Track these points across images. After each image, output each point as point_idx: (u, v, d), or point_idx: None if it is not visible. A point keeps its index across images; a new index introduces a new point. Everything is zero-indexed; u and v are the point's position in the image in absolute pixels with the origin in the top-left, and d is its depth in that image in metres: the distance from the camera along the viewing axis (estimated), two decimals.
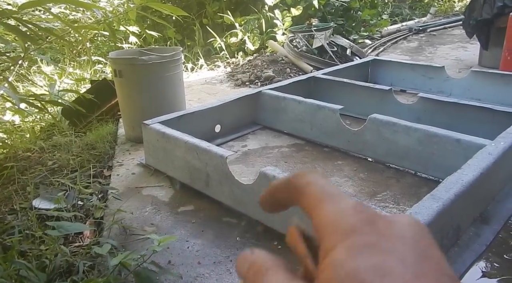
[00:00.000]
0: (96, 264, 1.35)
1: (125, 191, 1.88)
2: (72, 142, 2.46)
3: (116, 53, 2.57)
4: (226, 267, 1.35)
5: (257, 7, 5.19)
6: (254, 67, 4.13)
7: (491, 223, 1.52)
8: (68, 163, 2.19)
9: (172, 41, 5.05)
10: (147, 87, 2.35)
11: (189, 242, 1.49)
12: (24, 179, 2.02)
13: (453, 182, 1.36)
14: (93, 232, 1.59)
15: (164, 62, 2.34)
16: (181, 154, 1.82)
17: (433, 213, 1.19)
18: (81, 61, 4.36)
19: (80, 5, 2.69)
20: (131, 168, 2.13)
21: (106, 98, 2.75)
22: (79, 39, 4.23)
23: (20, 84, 3.47)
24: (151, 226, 1.60)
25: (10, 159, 2.27)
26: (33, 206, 1.72)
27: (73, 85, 3.66)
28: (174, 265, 1.36)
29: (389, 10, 7.49)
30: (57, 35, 1.74)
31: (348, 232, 0.20)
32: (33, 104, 1.70)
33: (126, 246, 1.47)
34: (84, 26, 2.36)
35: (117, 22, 2.14)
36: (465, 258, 1.34)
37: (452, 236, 1.36)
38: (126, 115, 2.46)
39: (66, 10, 4.33)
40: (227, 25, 5.07)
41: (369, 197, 1.75)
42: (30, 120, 2.96)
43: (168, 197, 1.82)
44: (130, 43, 4.68)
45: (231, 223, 1.60)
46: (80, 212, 1.71)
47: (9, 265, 1.20)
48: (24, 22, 1.52)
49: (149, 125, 1.99)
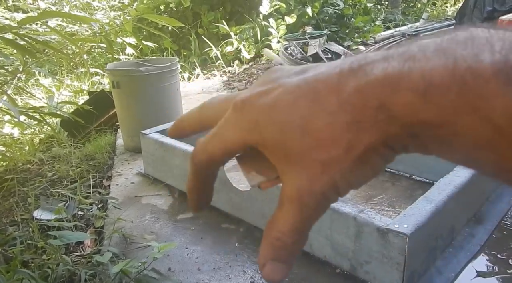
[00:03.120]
0: (97, 273, 1.37)
1: (124, 200, 1.90)
2: (71, 153, 2.48)
3: (113, 65, 2.60)
4: (225, 272, 1.37)
5: (252, 16, 5.26)
6: (250, 76, 4.18)
7: (484, 223, 1.55)
8: (68, 174, 2.21)
9: (169, 52, 5.10)
10: (144, 97, 2.38)
11: (189, 249, 1.51)
12: (24, 190, 2.04)
13: (446, 183, 1.39)
14: (94, 241, 1.61)
15: (161, 73, 2.37)
16: (179, 162, 1.85)
17: (427, 214, 1.22)
18: (79, 73, 4.40)
19: (78, 19, 2.74)
20: (130, 177, 2.15)
21: (104, 109, 2.78)
22: (76, 51, 4.27)
23: (19, 97, 3.50)
24: (151, 234, 1.62)
25: (10, 171, 2.29)
26: (34, 217, 1.75)
27: (71, 97, 3.69)
28: (174, 272, 1.38)
29: (382, 16, 7.58)
30: (55, 48, 1.77)
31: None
32: (32, 117, 1.73)
33: (127, 254, 1.49)
34: (81, 39, 2.40)
35: (114, 34, 2.17)
36: (460, 258, 1.37)
37: (446, 236, 1.39)
38: (125, 126, 2.49)
39: (63, 23, 4.38)
40: (223, 35, 5.13)
41: (365, 201, 1.78)
42: (29, 132, 2.99)
43: (167, 205, 1.85)
44: (127, 55, 4.72)
45: (230, 229, 1.62)
46: (81, 222, 1.73)
47: (12, 275, 1.22)
48: (22, 36, 1.55)
49: (147, 135, 2.02)
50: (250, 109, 0.23)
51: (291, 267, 0.24)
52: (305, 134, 0.21)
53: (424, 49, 0.19)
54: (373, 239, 1.19)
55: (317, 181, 0.21)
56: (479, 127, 0.17)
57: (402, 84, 0.19)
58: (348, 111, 0.20)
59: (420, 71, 0.19)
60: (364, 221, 1.21)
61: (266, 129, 0.22)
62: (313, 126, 0.21)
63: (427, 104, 0.18)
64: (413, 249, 1.14)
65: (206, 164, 0.26)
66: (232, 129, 0.24)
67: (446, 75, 0.18)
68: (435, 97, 0.18)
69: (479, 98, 0.17)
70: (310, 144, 0.21)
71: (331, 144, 0.21)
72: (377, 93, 0.20)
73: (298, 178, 0.22)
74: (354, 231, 1.23)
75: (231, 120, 0.24)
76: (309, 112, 0.21)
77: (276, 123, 0.22)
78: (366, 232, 1.21)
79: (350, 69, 0.21)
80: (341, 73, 0.21)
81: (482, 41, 0.18)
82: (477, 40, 0.18)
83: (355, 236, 1.24)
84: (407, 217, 1.19)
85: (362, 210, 1.25)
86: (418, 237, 1.17)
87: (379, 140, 0.20)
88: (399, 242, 1.13)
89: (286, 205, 0.23)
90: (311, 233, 0.23)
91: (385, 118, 0.20)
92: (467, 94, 0.17)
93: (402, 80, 0.19)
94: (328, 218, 1.29)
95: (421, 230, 1.16)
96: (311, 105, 0.21)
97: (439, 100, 0.18)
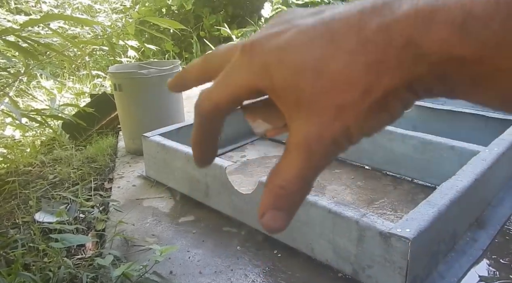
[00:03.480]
0: (99, 276, 1.37)
1: (126, 203, 1.90)
2: (72, 156, 2.48)
3: (115, 68, 2.61)
4: (227, 276, 1.37)
5: (254, 19, 5.27)
6: None
7: (487, 228, 1.55)
8: (69, 176, 2.21)
9: (170, 54, 5.11)
10: (146, 100, 2.38)
11: (190, 252, 1.50)
12: (25, 193, 2.04)
13: (448, 188, 1.39)
14: (95, 244, 1.61)
15: (163, 76, 2.38)
16: (181, 165, 1.85)
17: (429, 218, 1.22)
18: (81, 76, 4.41)
19: (80, 21, 2.74)
20: (131, 180, 2.15)
21: (106, 112, 2.79)
22: (78, 53, 4.28)
23: (20, 100, 3.51)
24: (152, 237, 1.62)
25: (12, 173, 2.29)
26: (36, 219, 1.74)
27: (73, 99, 3.69)
28: (175, 275, 1.38)
29: None
30: (57, 51, 1.78)
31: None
32: (34, 119, 1.74)
33: (128, 257, 1.49)
34: (83, 41, 2.40)
35: (116, 36, 2.18)
36: (462, 263, 1.36)
37: (448, 241, 1.39)
38: (126, 128, 2.49)
39: (65, 25, 4.39)
40: (224, 38, 5.14)
41: (367, 204, 1.78)
42: (30, 135, 2.99)
43: (168, 208, 1.85)
44: (129, 57, 4.73)
45: (231, 232, 1.62)
46: (82, 224, 1.73)
47: (14, 277, 1.22)
48: (24, 38, 1.56)
49: (149, 138, 2.02)
50: (260, 51, 0.21)
51: (292, 217, 0.23)
52: (319, 76, 0.20)
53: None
54: (376, 243, 1.19)
55: (328, 127, 0.20)
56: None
57: (436, 17, 0.17)
58: (369, 50, 0.19)
59: (458, 1, 0.17)
60: (366, 225, 1.21)
61: (277, 72, 0.21)
62: (329, 68, 0.19)
63: (465, 38, 0.17)
64: (415, 253, 1.14)
65: (211, 113, 0.25)
66: (239, 73, 0.22)
67: (489, 4, 0.16)
68: (476, 30, 0.16)
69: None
70: (324, 87, 0.20)
71: (348, 87, 0.19)
72: (405, 29, 0.18)
73: (307, 124, 0.20)
74: (356, 235, 1.23)
75: (239, 63, 0.22)
76: (325, 53, 0.20)
77: (288, 65, 0.20)
78: (369, 236, 1.20)
79: (374, 7, 0.19)
80: (363, 11, 0.19)
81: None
82: None
83: (357, 240, 1.23)
84: (409, 221, 1.19)
85: (365, 213, 1.25)
86: (421, 242, 1.16)
87: (402, 83, 0.19)
88: (402, 246, 1.13)
89: (292, 153, 0.21)
90: (312, 237, 0.23)
91: (411, 58, 0.18)
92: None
93: (437, 12, 0.17)
94: (330, 221, 1.28)
95: (423, 235, 1.16)
96: (327, 45, 0.20)
97: (480, 32, 0.16)
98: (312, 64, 0.20)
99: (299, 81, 0.20)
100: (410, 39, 0.18)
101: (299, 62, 0.20)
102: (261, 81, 0.21)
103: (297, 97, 0.20)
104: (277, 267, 1.39)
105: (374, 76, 0.19)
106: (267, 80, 0.21)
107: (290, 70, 0.20)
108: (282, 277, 1.34)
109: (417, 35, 0.18)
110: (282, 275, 1.35)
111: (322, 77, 0.20)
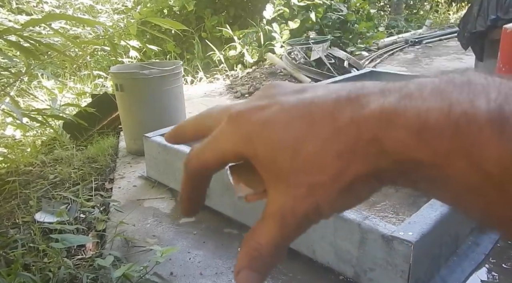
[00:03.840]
0: (99, 276, 1.36)
1: (126, 203, 1.89)
2: (73, 156, 2.48)
3: (117, 68, 2.61)
4: (228, 277, 1.37)
5: (255, 20, 5.27)
6: (253, 80, 4.18)
7: (489, 232, 1.54)
8: (70, 176, 2.21)
9: (172, 55, 5.11)
10: (148, 100, 2.38)
11: (191, 253, 1.50)
12: (26, 193, 2.04)
13: None
14: (96, 245, 1.60)
15: (165, 76, 2.37)
16: (182, 165, 1.84)
17: (431, 222, 1.21)
18: (82, 76, 4.41)
19: (82, 21, 2.74)
20: (132, 180, 2.14)
21: (107, 112, 2.78)
22: (79, 53, 4.28)
23: (21, 99, 3.51)
24: (153, 237, 1.61)
25: (12, 173, 2.29)
26: (36, 219, 1.74)
27: (74, 99, 3.69)
28: (176, 277, 1.38)
29: (385, 23, 7.60)
30: (58, 50, 1.78)
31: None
32: (35, 119, 1.73)
33: (129, 258, 1.48)
34: (84, 41, 2.40)
35: (117, 36, 2.17)
36: (464, 267, 1.36)
37: (451, 244, 1.38)
38: (127, 129, 2.49)
39: (67, 26, 4.39)
40: (226, 39, 5.14)
41: (369, 207, 1.77)
42: (31, 134, 2.99)
43: (169, 208, 1.84)
44: (131, 58, 4.73)
45: (232, 233, 1.62)
46: (82, 225, 1.72)
47: (14, 278, 1.21)
48: (26, 38, 1.55)
49: (150, 138, 2.02)
50: (244, 123, 0.23)
51: (265, 278, 0.24)
52: (296, 156, 0.22)
53: (421, 89, 0.20)
54: (378, 246, 1.18)
55: (301, 202, 0.22)
56: (470, 173, 0.18)
57: (397, 121, 0.19)
58: (341, 140, 0.21)
59: (415, 110, 0.19)
60: (368, 228, 1.20)
61: (259, 145, 0.23)
62: (305, 150, 0.21)
63: (420, 144, 0.19)
64: (417, 256, 1.13)
65: (199, 170, 0.27)
66: (226, 140, 0.24)
67: (441, 118, 0.18)
68: (428, 138, 0.18)
69: (472, 145, 0.17)
70: (300, 166, 0.22)
71: (320, 170, 0.21)
72: (371, 127, 0.20)
73: (283, 196, 0.22)
74: (358, 238, 1.23)
75: (225, 130, 0.24)
76: (302, 134, 0.22)
77: (269, 140, 0.22)
78: (371, 239, 1.20)
79: (348, 98, 0.21)
80: (338, 100, 0.22)
81: (478, 88, 0.19)
82: (474, 86, 0.19)
83: (359, 242, 1.23)
84: (412, 224, 1.18)
85: (367, 216, 1.24)
86: (423, 245, 1.16)
87: (369, 172, 0.21)
88: (404, 249, 1.12)
89: (268, 220, 0.23)
90: (314, 239, 0.24)
91: (377, 152, 0.20)
92: (460, 139, 0.18)
93: (397, 117, 0.19)
94: (332, 224, 1.28)
95: (426, 238, 1.15)
96: (305, 128, 0.22)
97: (432, 141, 0.18)
98: (291, 144, 0.22)
99: (277, 157, 0.22)
100: (376, 137, 0.20)
101: (279, 139, 0.22)
102: (245, 150, 0.23)
103: (275, 170, 0.23)
104: (278, 269, 1.38)
105: (344, 164, 0.21)
106: (251, 150, 0.23)
107: (270, 145, 0.22)
108: (283, 279, 1.34)
109: (381, 135, 0.20)
110: (283, 277, 1.35)
111: (299, 157, 0.22)
